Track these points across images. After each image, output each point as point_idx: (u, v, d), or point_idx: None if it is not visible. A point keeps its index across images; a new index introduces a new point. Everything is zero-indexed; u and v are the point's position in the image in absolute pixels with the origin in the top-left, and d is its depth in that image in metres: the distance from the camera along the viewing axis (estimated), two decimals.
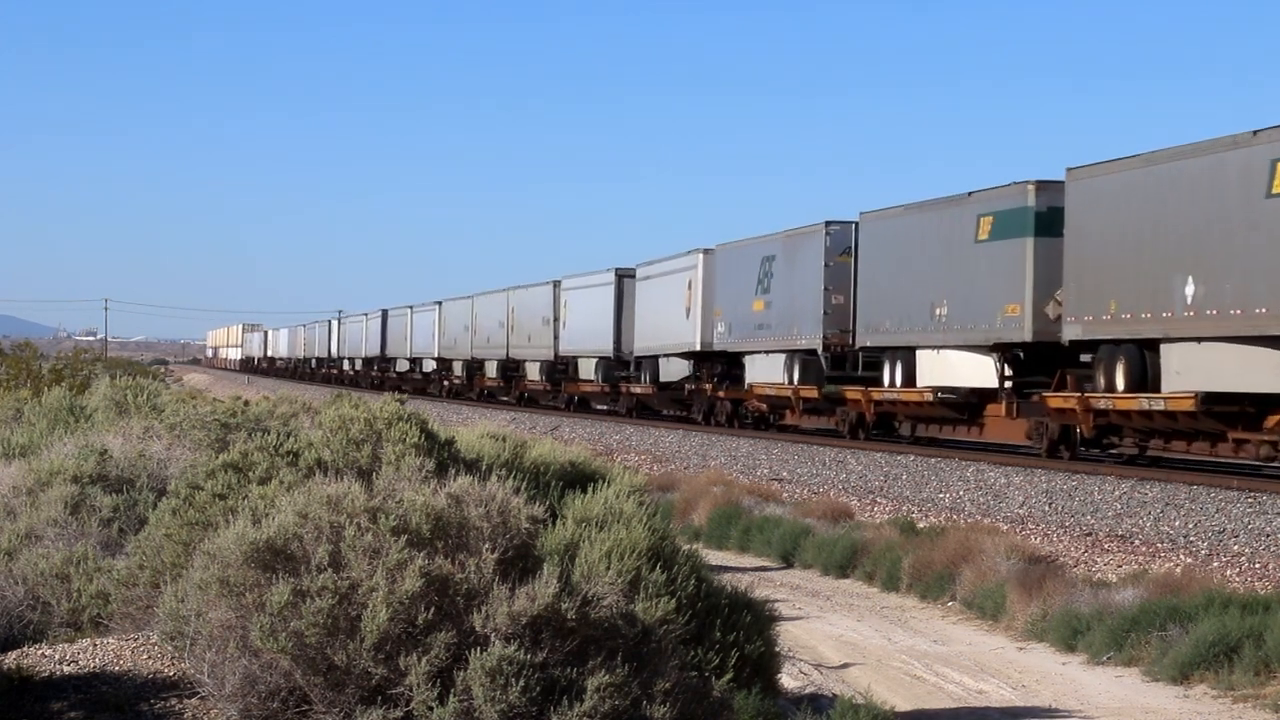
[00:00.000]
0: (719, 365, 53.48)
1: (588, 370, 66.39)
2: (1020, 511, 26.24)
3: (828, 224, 44.50)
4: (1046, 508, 26.50)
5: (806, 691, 13.80)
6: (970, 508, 27.09)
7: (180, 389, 61.56)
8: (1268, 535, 22.07)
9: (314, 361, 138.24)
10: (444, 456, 11.30)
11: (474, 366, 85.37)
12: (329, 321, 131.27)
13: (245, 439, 12.70)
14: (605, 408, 67.37)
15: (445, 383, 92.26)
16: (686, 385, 55.86)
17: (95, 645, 10.30)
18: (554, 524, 9.73)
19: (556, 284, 70.57)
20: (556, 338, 69.66)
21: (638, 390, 60.86)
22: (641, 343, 59.97)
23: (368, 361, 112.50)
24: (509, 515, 9.21)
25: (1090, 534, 23.33)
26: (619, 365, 62.98)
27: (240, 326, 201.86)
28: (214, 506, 10.63)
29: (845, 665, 15.99)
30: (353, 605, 8.71)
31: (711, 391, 53.41)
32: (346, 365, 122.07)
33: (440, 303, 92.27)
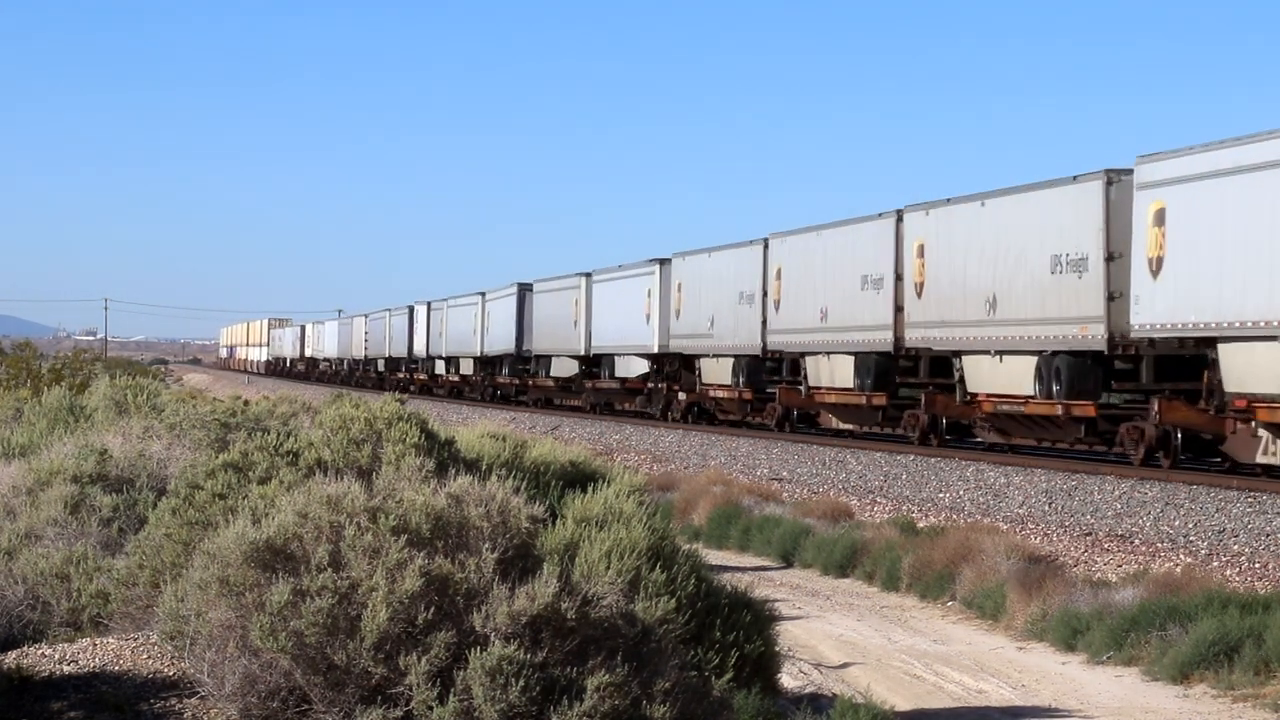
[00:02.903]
0: None
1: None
2: (1020, 511, 26.24)
3: None
4: (1046, 507, 26.50)
5: (806, 691, 13.80)
6: (970, 507, 27.09)
7: (180, 389, 61.55)
8: (1268, 535, 22.06)
9: (381, 363, 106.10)
10: (444, 456, 11.31)
11: (756, 369, 48.59)
12: (410, 308, 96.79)
13: (245, 439, 12.70)
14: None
15: (680, 394, 54.68)
16: None
17: (95, 645, 10.30)
18: (554, 524, 9.74)
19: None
20: (1132, 299, 30.97)
21: None
22: None
23: (486, 362, 79.29)
24: (509, 515, 9.21)
25: (1090, 534, 23.33)
26: None
27: (265, 322, 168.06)
28: (214, 506, 10.64)
29: (845, 665, 15.99)
30: (353, 605, 8.72)
31: None
32: (442, 368, 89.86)
33: (665, 261, 56.38)
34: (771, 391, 47.79)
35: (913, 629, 18.48)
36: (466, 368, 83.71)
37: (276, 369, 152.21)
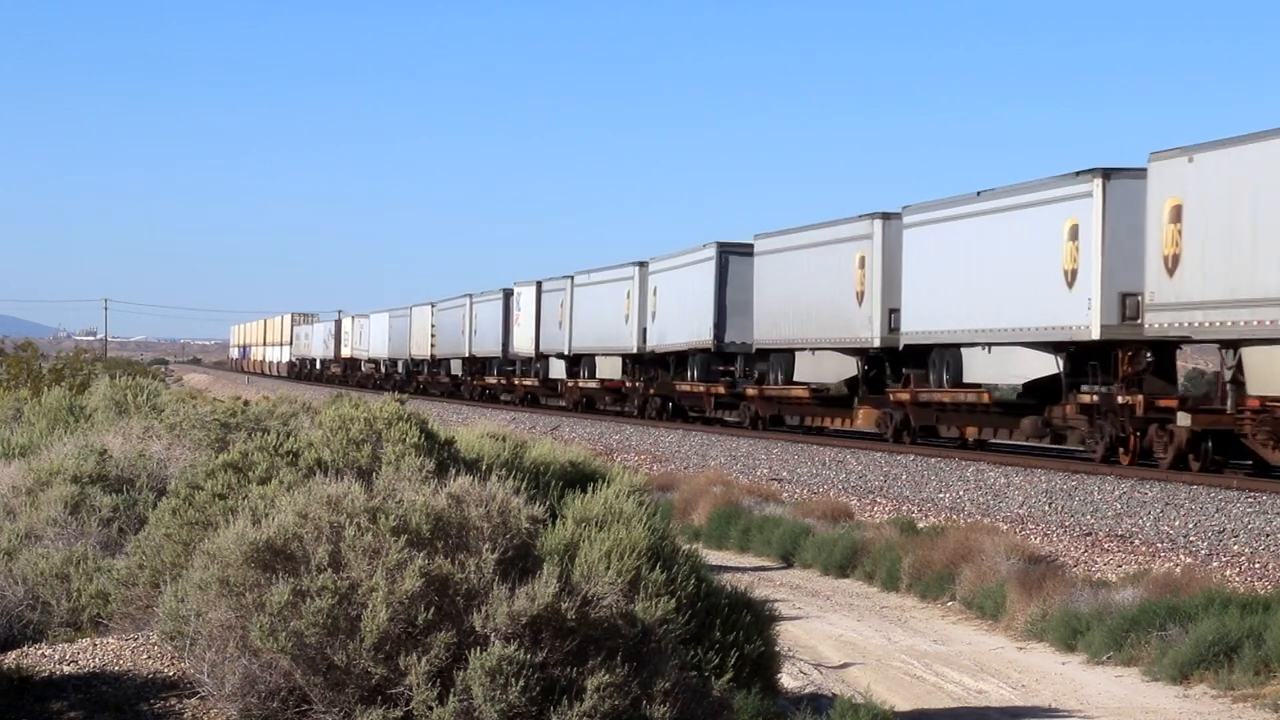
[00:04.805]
0: None
1: None
2: (1020, 511, 26.24)
3: None
4: (1046, 507, 26.50)
5: (806, 691, 13.80)
6: (970, 507, 27.09)
7: (180, 389, 61.60)
8: (1268, 535, 22.07)
9: (457, 365, 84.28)
10: (444, 456, 11.31)
11: None
12: (506, 292, 74.24)
13: (245, 439, 12.71)
14: None
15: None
16: None
17: (95, 645, 10.30)
18: (554, 524, 9.74)
19: None
20: None
21: None
22: None
23: (651, 362, 56.48)
24: (509, 515, 9.21)
25: (1090, 534, 23.33)
26: None
27: (288, 318, 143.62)
28: (214, 506, 10.64)
29: (845, 665, 16.00)
30: (353, 605, 8.72)
31: None
32: (561, 370, 66.07)
33: (1110, 172, 32.28)
34: None
35: (913, 629, 18.48)
36: (608, 369, 59.95)
37: (301, 372, 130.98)
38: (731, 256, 50.03)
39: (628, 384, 58.55)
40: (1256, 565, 19.96)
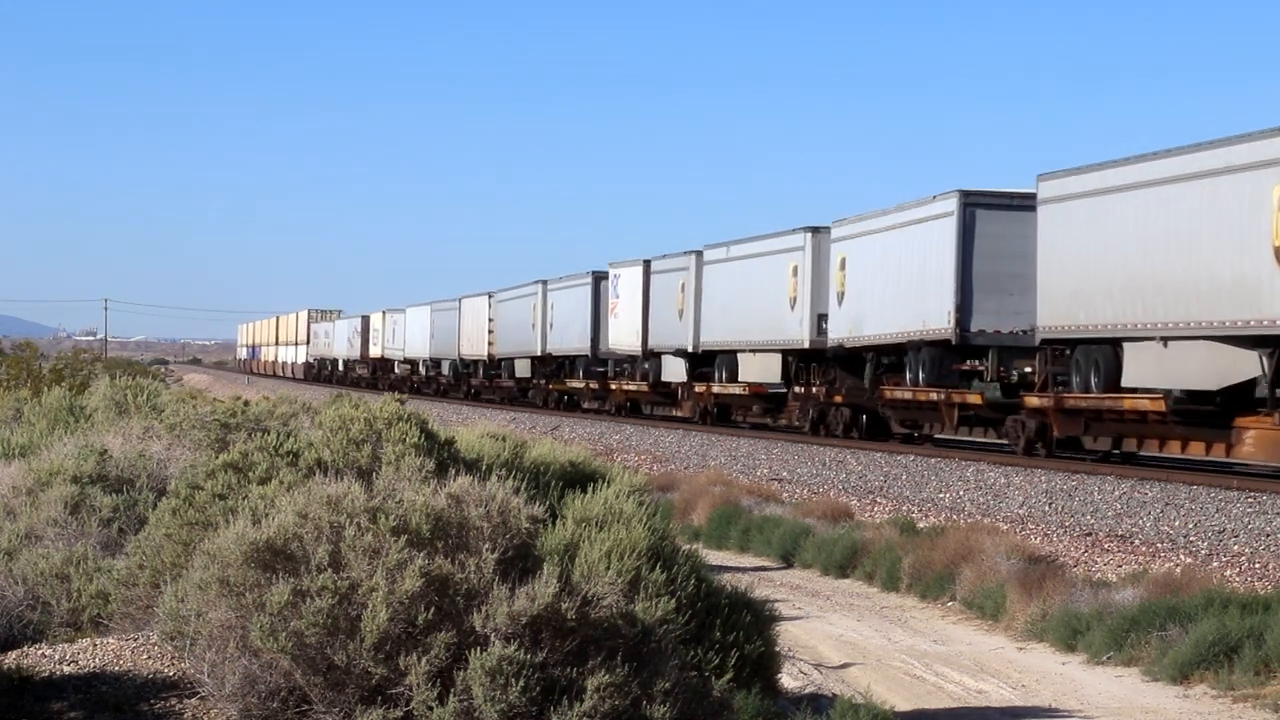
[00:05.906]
0: None
1: None
2: (1020, 511, 26.24)
3: None
4: (1046, 508, 26.50)
5: (806, 691, 13.80)
6: (970, 508, 27.09)
7: (180, 389, 61.59)
8: (1268, 535, 22.07)
9: (524, 366, 70.57)
10: (444, 456, 11.30)
11: None
12: (596, 276, 61.78)
13: (245, 439, 12.70)
14: None
15: None
16: None
17: (95, 645, 10.30)
18: (554, 524, 9.74)
19: None
20: None
21: None
22: None
23: (831, 362, 43.01)
24: (509, 515, 9.21)
25: (1090, 534, 23.33)
26: None
27: (304, 314, 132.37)
28: (214, 506, 10.63)
29: (845, 665, 15.99)
30: (353, 605, 8.72)
31: None
32: (680, 372, 53.33)
33: None
34: None
35: (913, 629, 18.48)
36: (757, 370, 46.48)
37: (320, 373, 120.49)
38: (980, 210, 36.17)
39: (797, 389, 44.20)
40: (1256, 565, 19.96)
